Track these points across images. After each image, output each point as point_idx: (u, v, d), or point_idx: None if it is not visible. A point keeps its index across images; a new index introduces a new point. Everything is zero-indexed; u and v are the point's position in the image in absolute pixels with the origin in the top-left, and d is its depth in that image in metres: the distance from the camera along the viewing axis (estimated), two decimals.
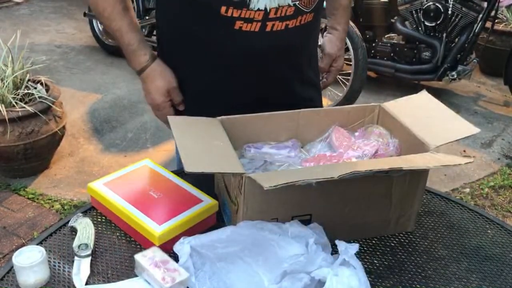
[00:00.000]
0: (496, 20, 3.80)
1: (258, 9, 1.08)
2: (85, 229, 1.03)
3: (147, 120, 3.54)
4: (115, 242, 1.04)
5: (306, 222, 0.95)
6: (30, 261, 0.91)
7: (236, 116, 1.12)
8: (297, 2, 1.11)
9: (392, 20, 3.83)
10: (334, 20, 1.40)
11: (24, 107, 2.58)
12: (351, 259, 0.84)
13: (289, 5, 1.10)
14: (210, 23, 1.11)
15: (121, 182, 1.12)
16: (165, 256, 0.92)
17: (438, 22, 3.59)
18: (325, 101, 3.51)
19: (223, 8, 1.08)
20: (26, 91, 2.68)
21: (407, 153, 1.07)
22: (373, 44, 3.90)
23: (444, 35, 3.60)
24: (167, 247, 0.95)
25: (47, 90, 2.77)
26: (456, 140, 1.07)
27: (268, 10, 1.09)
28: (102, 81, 4.10)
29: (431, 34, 3.68)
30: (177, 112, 1.27)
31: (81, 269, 0.95)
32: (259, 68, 1.17)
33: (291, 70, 1.24)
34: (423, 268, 1.02)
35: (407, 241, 1.09)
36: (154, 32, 4.14)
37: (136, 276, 0.93)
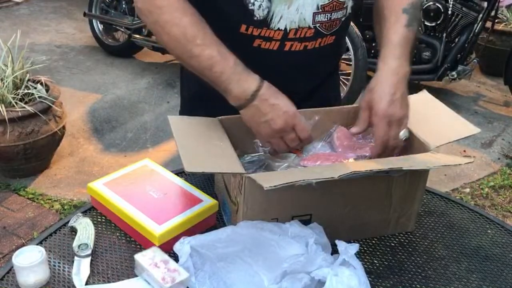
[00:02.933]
0: (496, 20, 3.80)
1: (278, 29, 1.07)
2: (85, 229, 1.03)
3: (147, 120, 3.54)
4: (115, 242, 1.04)
5: (306, 222, 0.95)
6: (30, 261, 0.91)
7: (236, 116, 1.11)
8: (318, 24, 1.09)
9: None
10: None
11: (24, 107, 2.58)
12: (351, 259, 0.84)
13: (309, 27, 1.08)
14: (229, 39, 1.04)
15: (121, 182, 1.12)
16: (165, 256, 0.92)
17: (438, 22, 3.59)
18: None
19: (243, 27, 1.07)
20: (26, 91, 2.69)
21: (407, 153, 1.07)
22: (373, 44, 3.89)
23: (444, 35, 3.60)
24: (167, 247, 0.95)
25: (47, 90, 2.77)
26: (456, 140, 1.07)
27: (288, 31, 1.07)
28: (102, 81, 4.10)
29: (431, 34, 3.68)
30: None
31: (81, 269, 0.95)
32: (276, 85, 1.14)
33: (309, 88, 1.23)
34: (423, 268, 1.01)
35: (407, 241, 1.09)
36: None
37: (136, 276, 0.93)
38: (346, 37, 3.99)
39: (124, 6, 4.36)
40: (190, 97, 1.31)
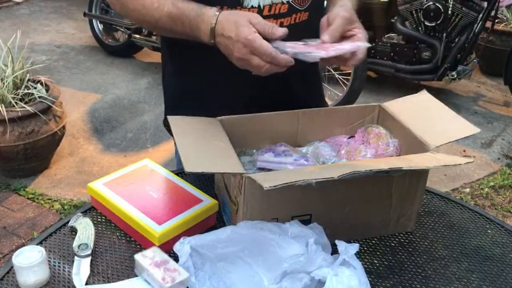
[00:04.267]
0: (496, 20, 3.80)
1: (252, 7, 1.08)
2: (85, 229, 1.03)
3: (147, 120, 3.54)
4: (115, 242, 1.04)
5: (306, 222, 0.95)
6: (30, 261, 0.91)
7: (236, 116, 1.12)
8: None
9: (392, 20, 3.83)
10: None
11: (24, 107, 2.58)
12: (351, 259, 0.84)
13: (282, 3, 1.10)
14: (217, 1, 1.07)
15: (121, 182, 1.12)
16: (165, 256, 0.92)
17: (438, 22, 3.58)
18: None
19: (217, 7, 1.08)
20: (26, 91, 2.69)
21: (407, 153, 1.07)
22: (373, 44, 3.89)
23: (444, 35, 3.60)
24: (167, 247, 0.95)
25: (47, 90, 2.77)
26: (456, 140, 1.07)
27: (262, 8, 1.09)
28: (102, 81, 4.10)
29: (431, 34, 3.68)
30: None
31: (81, 269, 0.95)
32: None
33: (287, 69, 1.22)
34: (423, 268, 1.01)
35: (407, 241, 1.09)
36: (154, 32, 4.14)
37: (136, 276, 0.93)
38: None
39: None
40: (172, 100, 1.33)
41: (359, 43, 1.00)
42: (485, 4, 3.53)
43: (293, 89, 1.26)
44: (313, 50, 0.98)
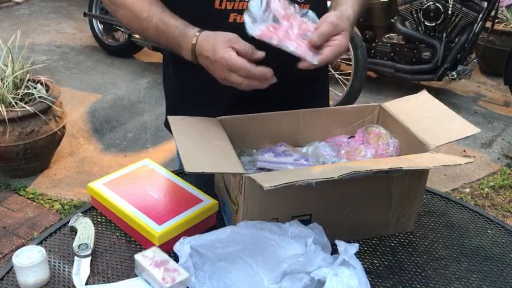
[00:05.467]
0: (496, 20, 3.80)
1: None
2: (85, 229, 1.03)
3: (147, 120, 3.54)
4: (115, 242, 1.04)
5: (306, 222, 0.95)
6: (30, 261, 0.91)
7: (236, 116, 1.12)
8: None
9: (392, 20, 3.83)
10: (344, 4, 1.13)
11: (24, 107, 2.58)
12: (351, 259, 0.84)
13: None
14: (205, 18, 1.10)
15: (121, 182, 1.12)
16: (165, 256, 0.92)
17: (438, 22, 3.59)
18: None
19: (217, 2, 1.09)
20: (26, 91, 2.69)
21: (407, 153, 1.07)
22: (373, 44, 3.90)
23: (444, 35, 3.60)
24: (167, 247, 0.95)
25: (47, 90, 2.77)
26: (456, 140, 1.07)
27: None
28: (102, 81, 4.10)
29: (431, 34, 3.68)
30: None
31: (81, 269, 0.95)
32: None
33: (288, 62, 1.21)
34: (423, 268, 1.02)
35: (407, 241, 1.09)
36: None
37: (136, 276, 0.93)
38: None
39: None
40: (173, 100, 1.34)
41: (311, 55, 0.98)
42: (485, 4, 3.54)
43: (300, 89, 1.25)
44: (289, 44, 0.98)
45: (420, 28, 3.71)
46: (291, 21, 1.03)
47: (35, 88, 2.74)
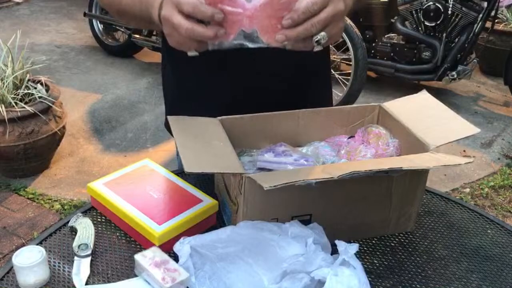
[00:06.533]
0: (496, 20, 3.80)
1: None
2: (85, 229, 1.03)
3: (147, 120, 3.55)
4: (115, 242, 1.04)
5: (306, 222, 0.95)
6: (30, 261, 0.91)
7: (236, 116, 1.12)
8: None
9: (392, 20, 3.83)
10: None
11: (24, 107, 2.58)
12: (351, 259, 0.84)
13: None
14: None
15: (121, 182, 1.12)
16: (165, 256, 0.92)
17: (438, 22, 3.59)
18: None
19: None
20: (26, 91, 2.69)
21: (407, 153, 1.07)
22: (373, 44, 3.90)
23: (444, 35, 3.61)
24: (167, 247, 0.95)
25: (47, 90, 2.78)
26: (456, 140, 1.07)
27: None
28: (102, 81, 4.10)
29: (431, 34, 3.68)
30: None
31: (81, 269, 0.95)
32: (261, 65, 1.15)
33: (290, 59, 1.14)
34: (423, 268, 1.02)
35: (407, 241, 1.09)
36: (154, 32, 4.14)
37: (136, 276, 0.93)
38: (346, 37, 3.99)
39: None
40: (172, 100, 1.33)
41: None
42: (485, 4, 3.54)
43: (302, 89, 1.25)
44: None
45: (420, 28, 3.71)
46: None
47: (35, 88, 2.74)
